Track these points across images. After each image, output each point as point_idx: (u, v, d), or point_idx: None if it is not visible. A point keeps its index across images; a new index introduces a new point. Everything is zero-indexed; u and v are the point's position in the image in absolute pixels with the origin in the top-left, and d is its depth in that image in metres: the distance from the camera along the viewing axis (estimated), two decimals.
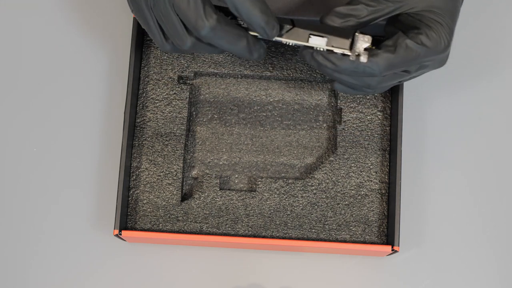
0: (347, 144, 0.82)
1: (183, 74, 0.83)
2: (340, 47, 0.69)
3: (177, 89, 0.82)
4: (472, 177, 0.84)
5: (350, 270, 0.82)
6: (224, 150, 0.82)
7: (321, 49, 0.70)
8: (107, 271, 0.82)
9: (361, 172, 0.81)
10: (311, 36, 0.69)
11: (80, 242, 0.82)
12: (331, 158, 0.81)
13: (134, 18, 0.80)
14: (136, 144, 0.82)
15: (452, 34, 0.71)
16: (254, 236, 0.80)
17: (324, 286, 0.82)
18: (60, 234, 0.83)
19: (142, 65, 0.83)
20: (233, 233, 0.80)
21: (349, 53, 0.69)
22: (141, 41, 0.82)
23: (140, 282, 0.82)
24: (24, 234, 0.83)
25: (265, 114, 0.83)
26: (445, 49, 0.71)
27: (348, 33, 0.69)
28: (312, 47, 0.70)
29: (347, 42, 0.69)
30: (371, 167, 0.81)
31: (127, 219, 0.80)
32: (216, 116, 0.83)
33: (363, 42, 0.69)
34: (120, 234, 0.77)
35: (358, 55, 0.69)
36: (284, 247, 0.80)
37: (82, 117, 0.85)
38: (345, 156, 0.81)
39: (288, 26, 0.70)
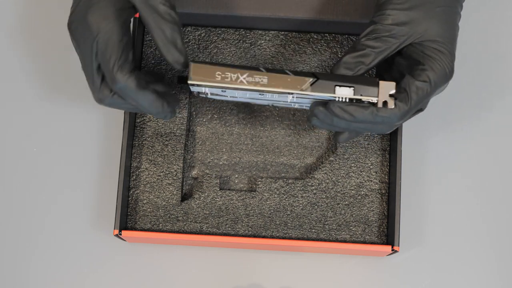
0: (347, 144, 0.82)
1: (183, 74, 0.82)
2: (369, 95, 0.69)
3: (177, 89, 0.82)
4: (472, 177, 0.84)
5: (350, 270, 0.82)
6: (224, 150, 0.82)
7: (343, 99, 0.69)
8: (107, 271, 0.82)
9: (361, 172, 0.81)
10: (337, 87, 0.69)
11: (80, 242, 0.83)
12: (331, 158, 0.81)
13: (135, 18, 0.80)
14: (136, 144, 0.82)
15: (454, 57, 0.71)
16: (254, 236, 0.80)
17: (324, 286, 0.82)
18: (60, 234, 0.83)
19: (142, 65, 0.83)
20: (233, 233, 0.80)
21: (376, 101, 0.69)
22: (141, 41, 0.82)
23: (140, 282, 0.82)
24: (24, 234, 0.83)
25: (265, 114, 0.83)
26: (450, 75, 0.71)
27: (373, 81, 0.69)
28: (324, 102, 0.70)
29: (376, 90, 0.68)
30: (371, 167, 0.81)
31: (127, 219, 0.80)
32: (216, 116, 0.83)
33: (388, 89, 0.69)
34: (120, 234, 0.77)
35: (385, 102, 0.69)
36: (284, 247, 0.80)
37: (82, 117, 0.85)
38: (345, 156, 0.81)
39: (311, 79, 0.69)
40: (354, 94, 0.69)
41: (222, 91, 0.71)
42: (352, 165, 0.81)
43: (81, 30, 0.69)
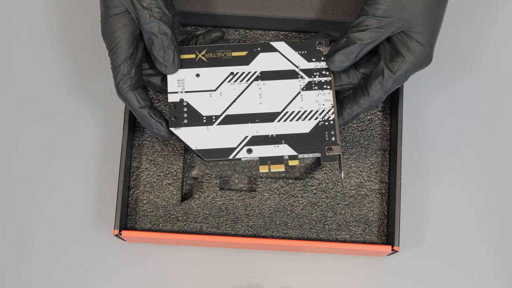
0: (347, 144, 0.82)
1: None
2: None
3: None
4: (472, 177, 0.84)
5: (350, 270, 0.82)
6: None
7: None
8: (107, 271, 0.82)
9: (361, 172, 0.81)
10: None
11: (80, 242, 0.83)
12: None
13: None
14: (136, 144, 0.82)
15: (433, 46, 0.73)
16: (254, 236, 0.80)
17: (324, 286, 0.82)
18: (60, 234, 0.83)
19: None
20: (233, 233, 0.80)
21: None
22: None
23: (140, 282, 0.82)
24: (24, 234, 0.83)
25: None
26: (427, 64, 0.74)
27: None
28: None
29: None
30: (371, 167, 0.81)
31: (127, 219, 0.80)
32: None
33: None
34: (120, 234, 0.77)
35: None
36: (284, 247, 0.80)
37: (82, 117, 0.85)
38: (345, 156, 0.81)
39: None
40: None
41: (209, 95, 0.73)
42: (352, 165, 0.81)
43: (104, 39, 0.73)
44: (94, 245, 0.82)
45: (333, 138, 0.73)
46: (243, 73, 0.74)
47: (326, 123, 0.73)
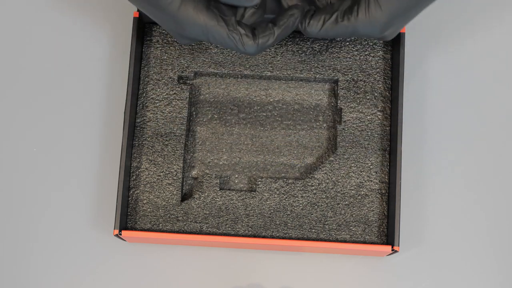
0: (347, 144, 0.82)
1: (183, 74, 0.83)
2: None
3: (177, 89, 0.82)
4: (472, 177, 0.84)
5: (350, 270, 0.82)
6: (224, 150, 0.82)
7: None
8: (107, 271, 0.82)
9: (361, 172, 0.81)
10: None
11: (80, 242, 0.83)
12: (331, 158, 0.81)
13: (134, 18, 0.80)
14: (136, 144, 0.82)
15: None
16: (254, 236, 0.80)
17: (324, 286, 0.82)
18: (60, 234, 0.83)
19: (142, 65, 0.83)
20: (233, 233, 0.80)
21: None
22: (141, 41, 0.82)
23: (140, 282, 0.82)
24: (23, 234, 0.83)
25: (265, 114, 0.83)
26: None
27: None
28: None
29: None
30: (371, 167, 0.81)
31: (127, 219, 0.80)
32: (216, 116, 0.83)
33: None
34: (120, 234, 0.77)
35: None
36: (284, 247, 0.80)
37: (82, 117, 0.85)
38: (345, 156, 0.81)
39: None
40: None
41: None
42: (352, 165, 0.81)
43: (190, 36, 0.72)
44: (94, 245, 0.82)
45: None
46: None
47: None
